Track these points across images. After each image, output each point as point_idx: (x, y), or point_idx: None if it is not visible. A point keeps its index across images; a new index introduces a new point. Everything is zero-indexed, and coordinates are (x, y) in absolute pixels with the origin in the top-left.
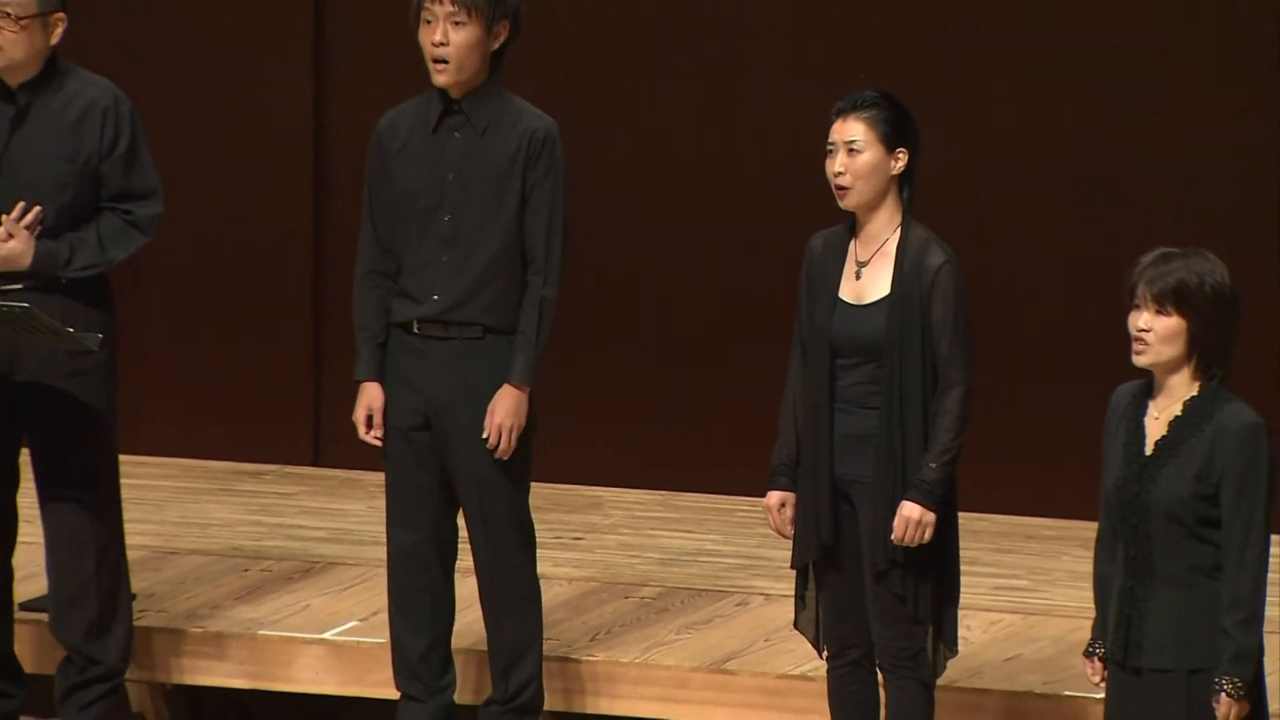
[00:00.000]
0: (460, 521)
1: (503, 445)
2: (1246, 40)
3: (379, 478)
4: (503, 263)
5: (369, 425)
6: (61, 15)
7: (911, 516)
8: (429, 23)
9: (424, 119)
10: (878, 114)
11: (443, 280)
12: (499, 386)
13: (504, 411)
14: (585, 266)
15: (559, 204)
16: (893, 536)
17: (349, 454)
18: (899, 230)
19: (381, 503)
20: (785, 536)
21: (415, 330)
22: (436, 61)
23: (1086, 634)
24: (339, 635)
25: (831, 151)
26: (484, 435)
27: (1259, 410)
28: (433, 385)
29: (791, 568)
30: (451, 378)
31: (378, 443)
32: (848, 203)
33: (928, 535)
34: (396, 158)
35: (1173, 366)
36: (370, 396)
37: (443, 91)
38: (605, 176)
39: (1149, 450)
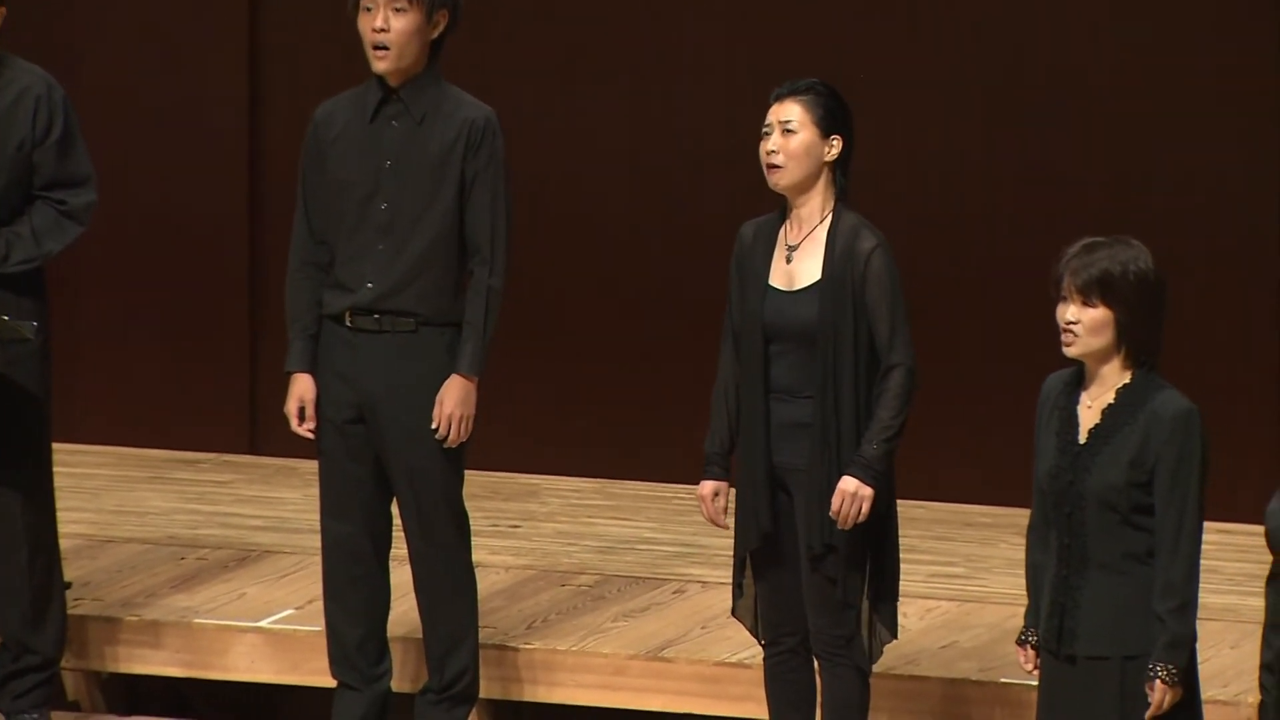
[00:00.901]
0: (395, 511)
1: (452, 435)
2: (1187, 26)
3: (315, 466)
4: (438, 252)
5: (301, 418)
6: (1, 9)
7: (847, 489)
8: (369, 10)
9: (361, 108)
10: (814, 98)
11: (377, 269)
12: (432, 379)
13: (453, 401)
14: (521, 257)
15: (501, 193)
16: (831, 512)
17: (285, 442)
18: (829, 216)
19: (318, 491)
20: (718, 526)
21: (347, 323)
22: (376, 48)
23: (1022, 622)
24: (275, 624)
25: (767, 132)
26: (433, 425)
27: (1263, 411)
28: (365, 378)
29: (736, 556)
30: (384, 371)
31: (310, 435)
32: (778, 181)
33: (865, 510)
34: (333, 147)
35: (1103, 356)
36: (302, 388)
37: (381, 81)
38: (541, 168)
39: (1082, 439)
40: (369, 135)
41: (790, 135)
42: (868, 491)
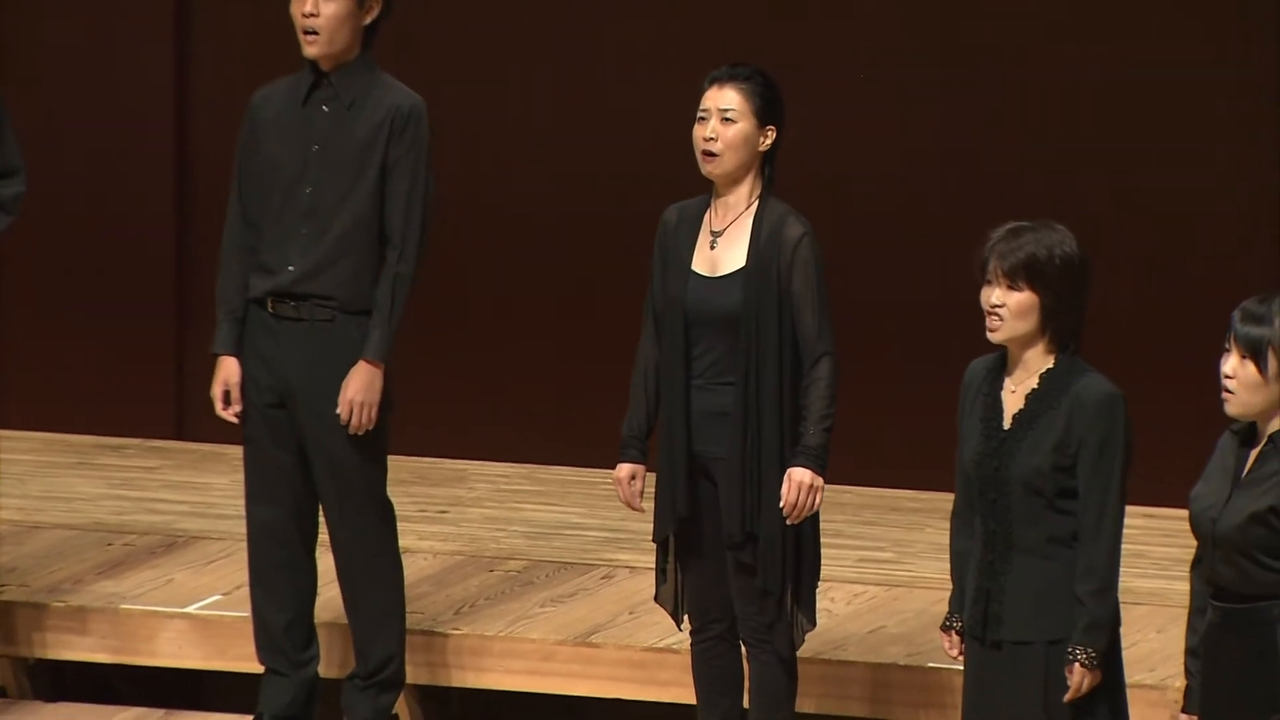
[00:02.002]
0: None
1: (355, 422)
2: (1126, 17)
3: (242, 451)
4: (358, 237)
5: (226, 401)
6: None
7: (804, 481)
8: None
9: (295, 93)
10: (753, 87)
11: (299, 251)
12: (349, 367)
13: (356, 388)
14: (449, 242)
15: (419, 180)
16: (783, 504)
17: (212, 428)
18: (756, 203)
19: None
20: (635, 509)
21: (269, 309)
22: (307, 33)
23: (948, 607)
24: (202, 609)
25: (704, 118)
26: (337, 411)
27: (1188, 395)
28: (285, 365)
29: (653, 541)
30: (303, 358)
31: (235, 419)
32: (713, 170)
33: (818, 500)
34: (266, 131)
35: (1027, 341)
36: (227, 371)
37: (314, 66)
38: (470, 154)
39: (1007, 424)
40: (300, 119)
41: (729, 124)
42: (820, 482)
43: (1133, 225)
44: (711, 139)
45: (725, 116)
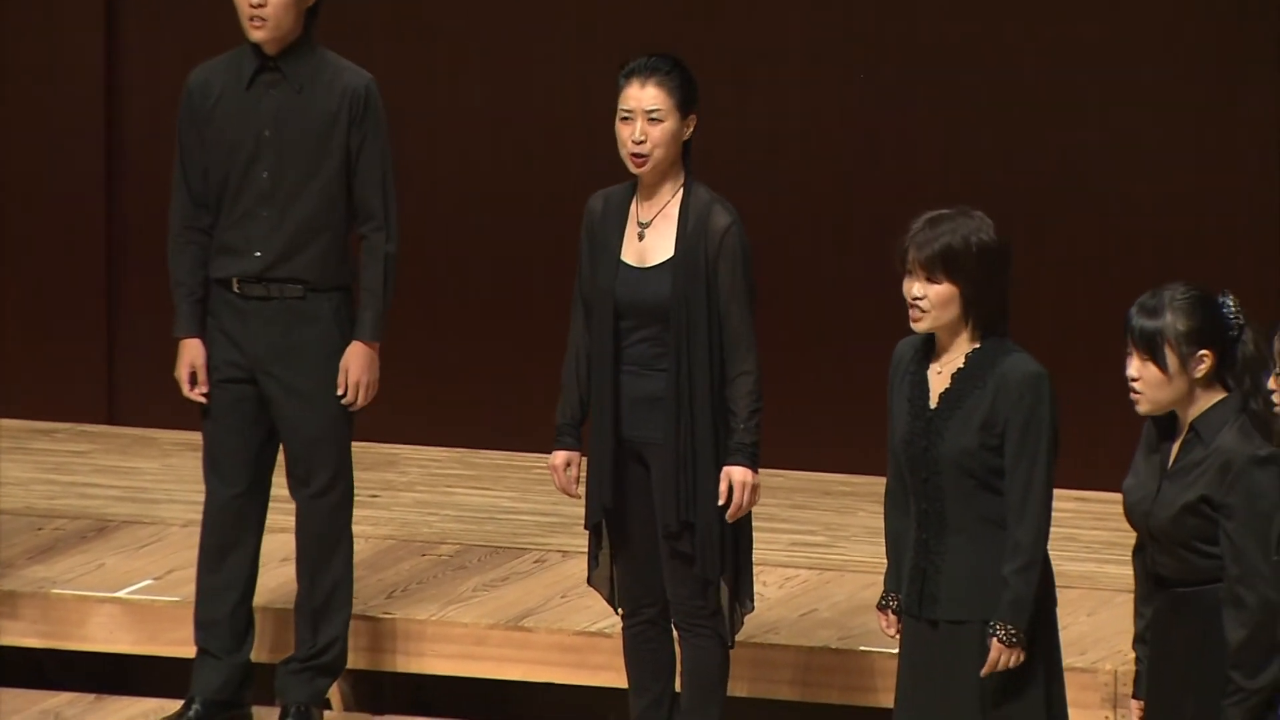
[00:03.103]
0: (276, 479)
1: (360, 400)
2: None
3: (174, 436)
4: (324, 220)
5: (192, 383)
6: None
7: (745, 482)
8: None
9: (237, 75)
10: (674, 81)
11: (263, 236)
12: (320, 344)
13: (359, 369)
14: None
15: (388, 159)
16: (720, 501)
17: (143, 412)
18: (681, 191)
19: (177, 461)
20: (570, 495)
21: (236, 290)
22: (253, 19)
23: (881, 589)
24: (133, 594)
25: (628, 119)
26: (339, 392)
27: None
28: (255, 344)
29: (585, 528)
30: (274, 337)
31: (203, 399)
32: (645, 170)
33: (757, 497)
34: (210, 114)
35: (951, 329)
36: (192, 354)
37: (255, 48)
38: (399, 138)
39: (933, 404)
40: (246, 103)
41: (656, 123)
42: (757, 480)
43: (1059, 207)
44: (641, 141)
45: (652, 117)
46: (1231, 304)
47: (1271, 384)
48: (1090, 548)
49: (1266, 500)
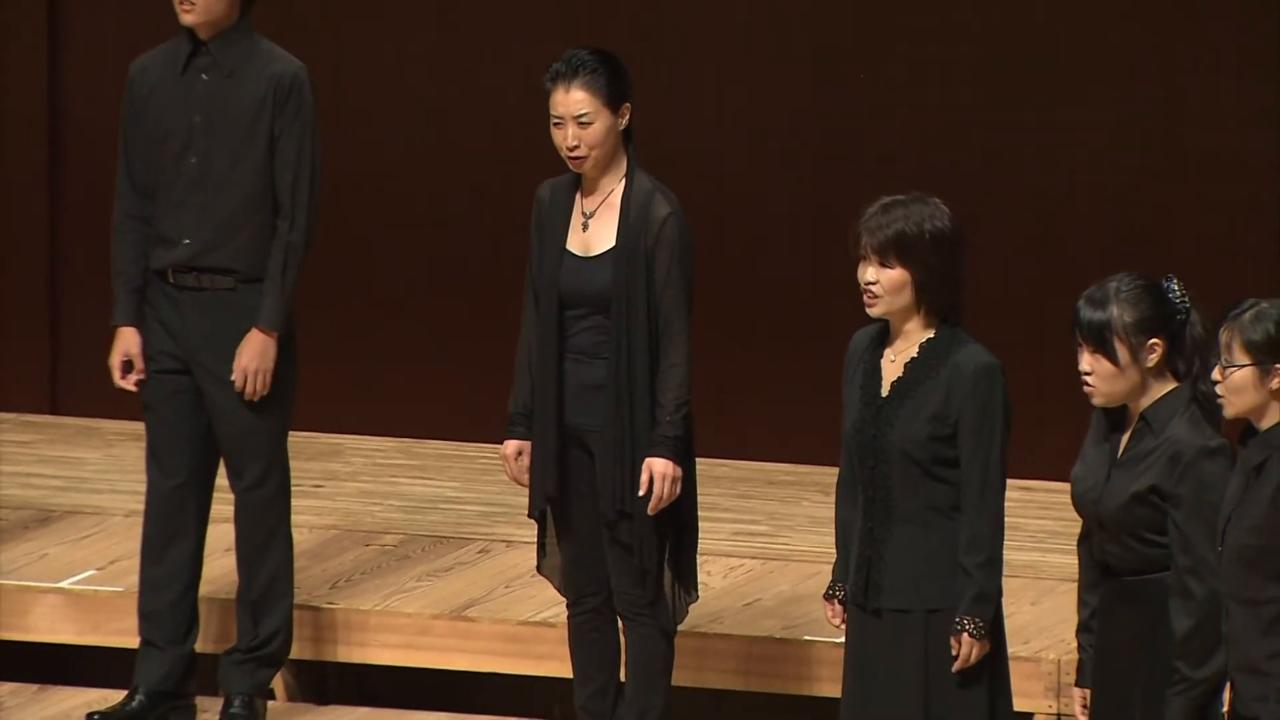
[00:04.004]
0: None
1: (249, 388)
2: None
3: (117, 426)
4: (252, 208)
5: (125, 370)
6: None
7: (666, 473)
8: None
9: (173, 61)
10: (597, 78)
11: (192, 224)
12: None
13: (250, 355)
14: (323, 215)
15: (307, 149)
16: (640, 493)
17: (86, 402)
18: (624, 180)
19: (120, 451)
20: (522, 485)
21: (170, 280)
22: (183, 2)
23: (826, 579)
24: (76, 584)
25: (559, 124)
26: (231, 379)
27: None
28: (189, 334)
29: (529, 517)
30: (207, 327)
31: (134, 388)
32: (583, 168)
33: (678, 489)
34: (147, 100)
35: (904, 315)
36: (127, 342)
37: (191, 33)
38: (342, 128)
39: (885, 392)
40: (180, 89)
41: (586, 126)
42: (679, 472)
43: (1001, 196)
44: (575, 145)
45: (581, 121)
46: (1176, 288)
47: (1215, 374)
48: (1034, 537)
49: (1215, 491)
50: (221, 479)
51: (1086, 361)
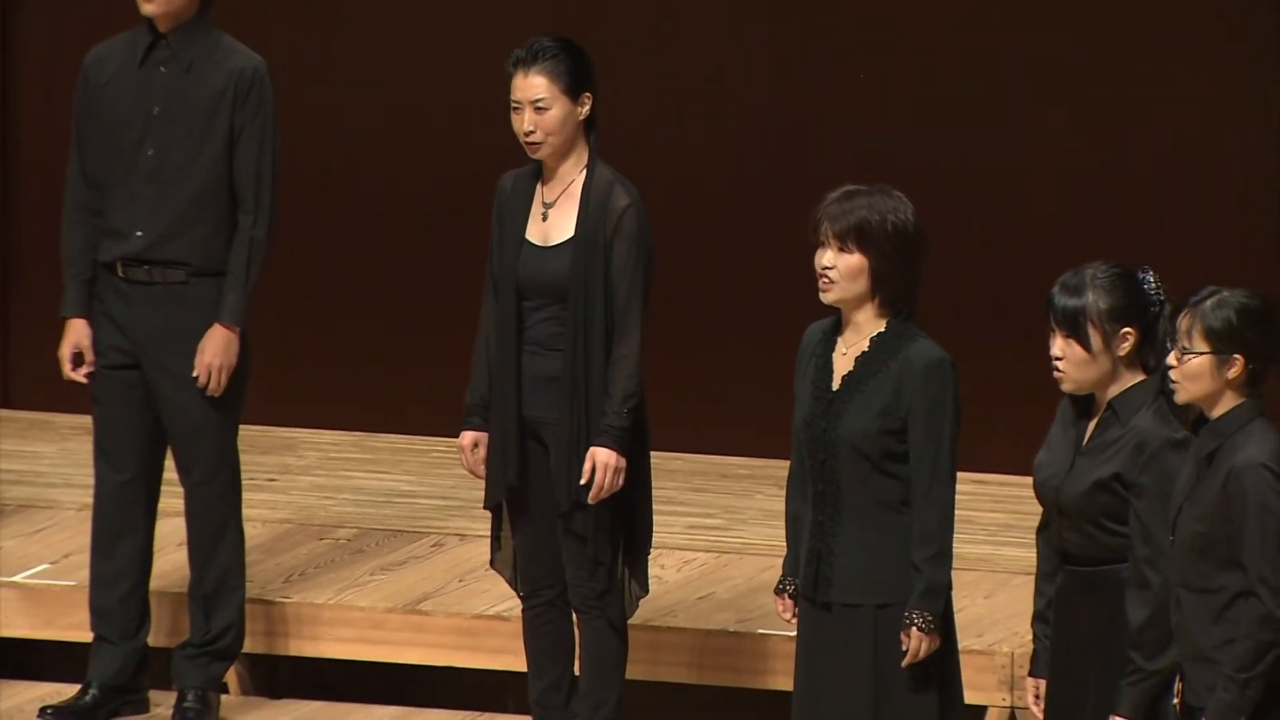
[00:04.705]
0: (166, 463)
1: (212, 384)
2: None
3: (71, 420)
4: (208, 202)
5: (75, 363)
6: None
7: (608, 464)
8: None
9: (132, 52)
10: (558, 65)
11: (146, 216)
12: (203, 330)
13: (213, 351)
14: (280, 207)
15: (268, 144)
16: (583, 481)
17: (40, 395)
18: (585, 171)
19: (74, 444)
20: (478, 477)
21: (120, 274)
22: None
23: (779, 572)
24: (30, 579)
25: (517, 109)
26: (194, 375)
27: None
28: (139, 328)
29: (484, 508)
30: (157, 321)
31: (84, 380)
32: (540, 155)
33: (621, 481)
34: (103, 92)
35: (857, 303)
36: (77, 334)
37: (150, 24)
38: (297, 118)
39: (836, 385)
40: (138, 80)
41: (543, 112)
42: (623, 463)
43: (958, 191)
44: (531, 131)
45: (538, 106)
46: (1153, 280)
47: (1171, 359)
48: (986, 530)
49: (1177, 484)
50: (169, 473)
51: (1058, 346)
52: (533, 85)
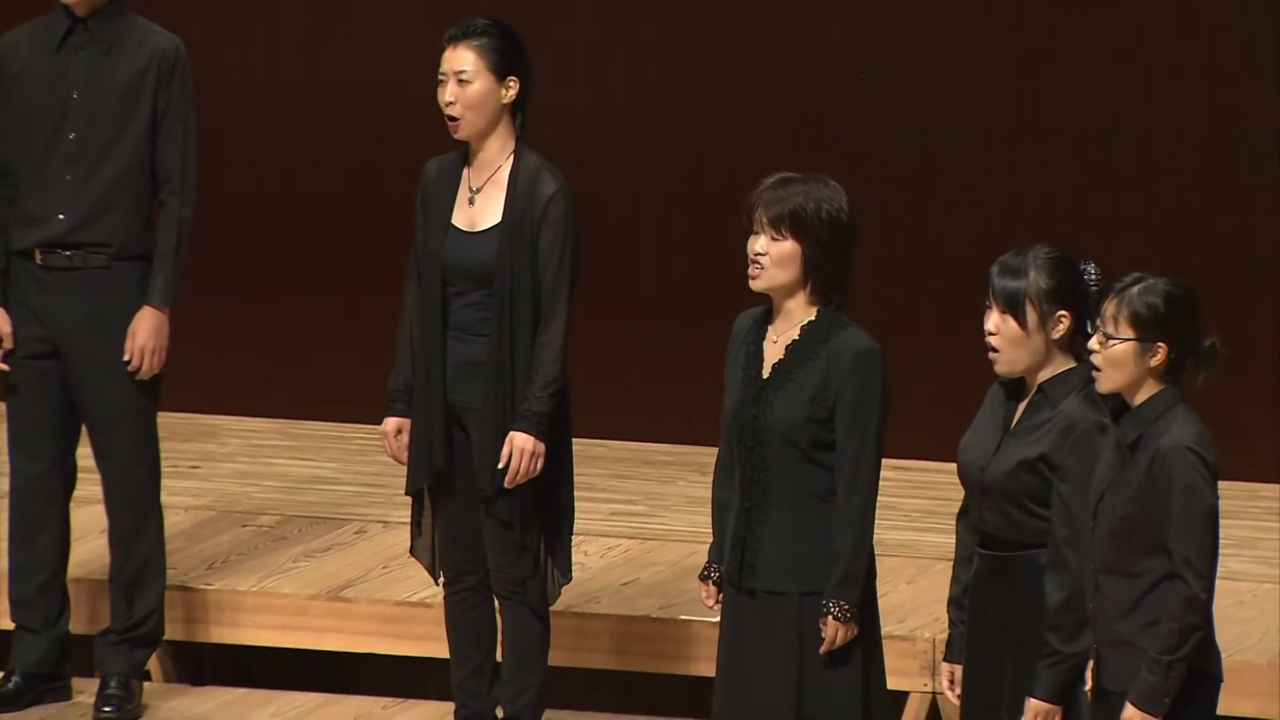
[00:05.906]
0: (82, 450)
1: (145, 367)
2: None
3: (5, 405)
4: (130, 183)
5: None
6: None
7: (525, 448)
8: None
9: (47, 38)
10: (488, 42)
11: (67, 200)
12: (125, 314)
13: (145, 333)
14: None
15: (191, 124)
16: (500, 465)
17: None
18: (511, 157)
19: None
20: (401, 463)
21: (38, 260)
22: None
23: (702, 559)
24: None
25: (442, 81)
26: (125, 358)
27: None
28: (58, 315)
29: (406, 494)
30: (78, 307)
31: (5, 368)
32: (459, 133)
33: (539, 466)
34: (18, 78)
35: (788, 291)
36: None
37: (66, 9)
38: (219, 98)
39: (765, 373)
40: (55, 65)
41: (465, 85)
42: (541, 448)
43: (884, 176)
44: (451, 103)
45: (461, 78)
46: (1093, 271)
47: (1094, 344)
48: (908, 516)
49: (1097, 470)
50: (86, 459)
51: (994, 322)
52: (459, 58)
